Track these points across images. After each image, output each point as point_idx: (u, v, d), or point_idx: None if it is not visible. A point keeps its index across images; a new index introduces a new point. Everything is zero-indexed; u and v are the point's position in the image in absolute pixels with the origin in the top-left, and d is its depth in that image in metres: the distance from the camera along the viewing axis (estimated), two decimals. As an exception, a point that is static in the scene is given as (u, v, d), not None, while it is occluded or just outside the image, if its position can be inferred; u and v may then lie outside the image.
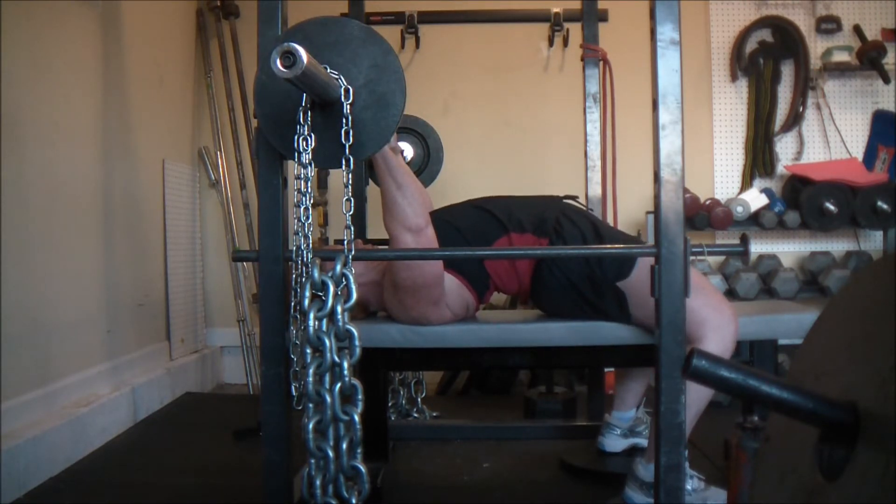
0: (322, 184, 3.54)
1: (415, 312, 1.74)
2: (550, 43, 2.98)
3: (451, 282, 1.78)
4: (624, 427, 2.19)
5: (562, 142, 3.51)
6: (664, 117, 1.33)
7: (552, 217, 1.82)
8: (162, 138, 3.27)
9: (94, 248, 2.66)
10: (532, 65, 3.66)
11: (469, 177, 3.54)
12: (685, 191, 1.36)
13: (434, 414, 2.75)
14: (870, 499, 0.65)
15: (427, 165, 2.74)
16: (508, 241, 1.81)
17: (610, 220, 2.55)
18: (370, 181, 2.70)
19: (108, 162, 2.74)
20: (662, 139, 1.33)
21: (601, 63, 2.56)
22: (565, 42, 3.02)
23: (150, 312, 3.09)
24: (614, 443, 2.20)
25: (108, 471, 2.26)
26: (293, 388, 1.39)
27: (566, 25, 2.90)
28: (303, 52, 1.12)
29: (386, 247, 1.80)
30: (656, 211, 1.35)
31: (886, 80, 3.49)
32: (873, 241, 3.59)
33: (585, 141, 2.61)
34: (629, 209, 3.34)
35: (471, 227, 1.83)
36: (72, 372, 2.44)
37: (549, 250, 1.76)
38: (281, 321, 1.39)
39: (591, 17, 2.59)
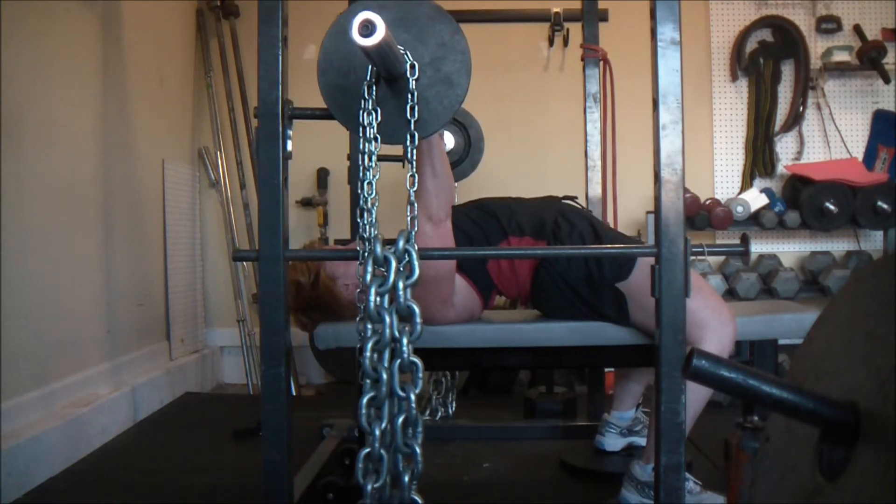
0: (321, 183, 3.55)
1: (422, 307, 1.74)
2: (550, 43, 2.97)
3: (461, 283, 1.78)
4: (623, 426, 2.20)
5: (562, 142, 3.50)
6: (664, 117, 1.33)
7: (550, 219, 1.83)
8: (162, 138, 3.27)
9: (94, 248, 2.66)
10: (532, 65, 3.66)
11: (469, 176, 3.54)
12: (685, 191, 1.36)
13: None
14: (870, 499, 0.65)
15: (468, 155, 2.78)
16: (508, 245, 1.82)
17: (610, 220, 2.54)
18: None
19: (107, 162, 2.74)
20: (663, 139, 1.33)
21: (601, 63, 2.56)
22: (565, 42, 3.01)
23: (150, 312, 3.09)
24: (613, 441, 2.21)
25: (108, 471, 2.26)
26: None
27: (566, 25, 2.89)
28: (381, 23, 1.11)
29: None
30: (656, 211, 1.34)
31: (886, 80, 3.49)
32: (873, 241, 3.59)
33: (585, 141, 2.61)
34: (629, 209, 3.34)
35: (473, 229, 1.83)
36: (71, 372, 2.44)
37: (549, 250, 1.76)
38: (281, 321, 1.39)
39: (591, 17, 2.59)
